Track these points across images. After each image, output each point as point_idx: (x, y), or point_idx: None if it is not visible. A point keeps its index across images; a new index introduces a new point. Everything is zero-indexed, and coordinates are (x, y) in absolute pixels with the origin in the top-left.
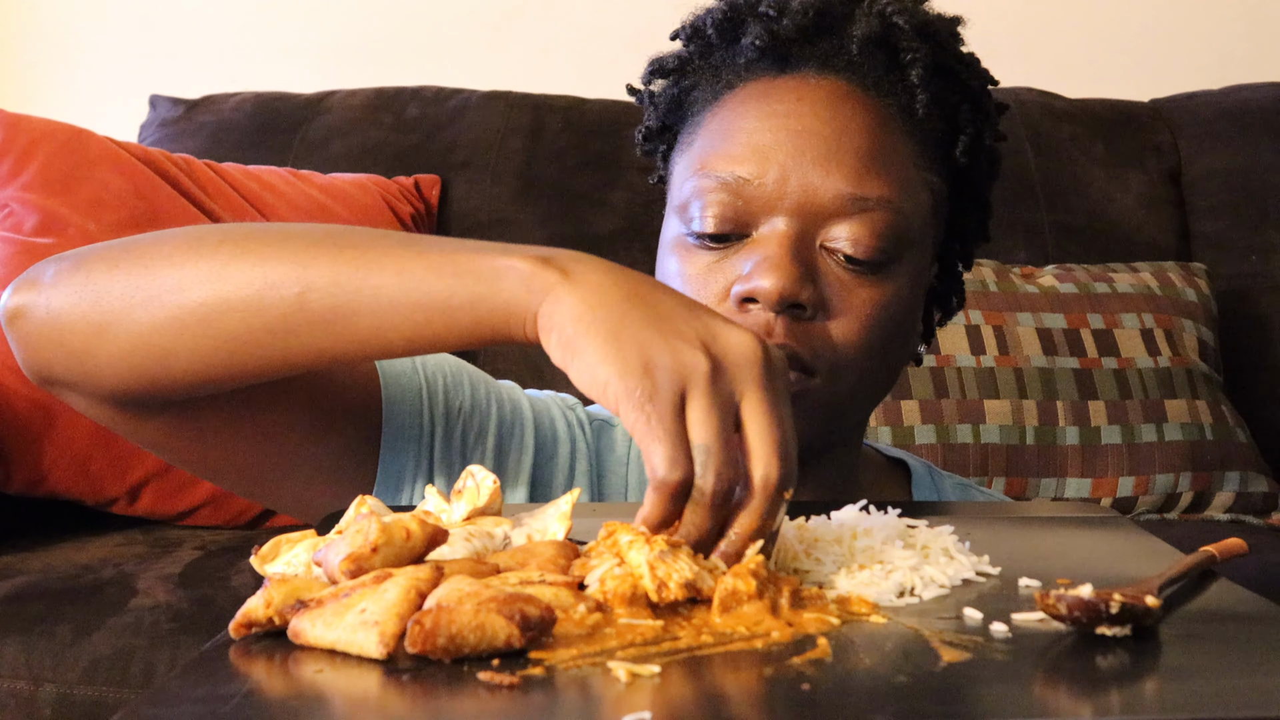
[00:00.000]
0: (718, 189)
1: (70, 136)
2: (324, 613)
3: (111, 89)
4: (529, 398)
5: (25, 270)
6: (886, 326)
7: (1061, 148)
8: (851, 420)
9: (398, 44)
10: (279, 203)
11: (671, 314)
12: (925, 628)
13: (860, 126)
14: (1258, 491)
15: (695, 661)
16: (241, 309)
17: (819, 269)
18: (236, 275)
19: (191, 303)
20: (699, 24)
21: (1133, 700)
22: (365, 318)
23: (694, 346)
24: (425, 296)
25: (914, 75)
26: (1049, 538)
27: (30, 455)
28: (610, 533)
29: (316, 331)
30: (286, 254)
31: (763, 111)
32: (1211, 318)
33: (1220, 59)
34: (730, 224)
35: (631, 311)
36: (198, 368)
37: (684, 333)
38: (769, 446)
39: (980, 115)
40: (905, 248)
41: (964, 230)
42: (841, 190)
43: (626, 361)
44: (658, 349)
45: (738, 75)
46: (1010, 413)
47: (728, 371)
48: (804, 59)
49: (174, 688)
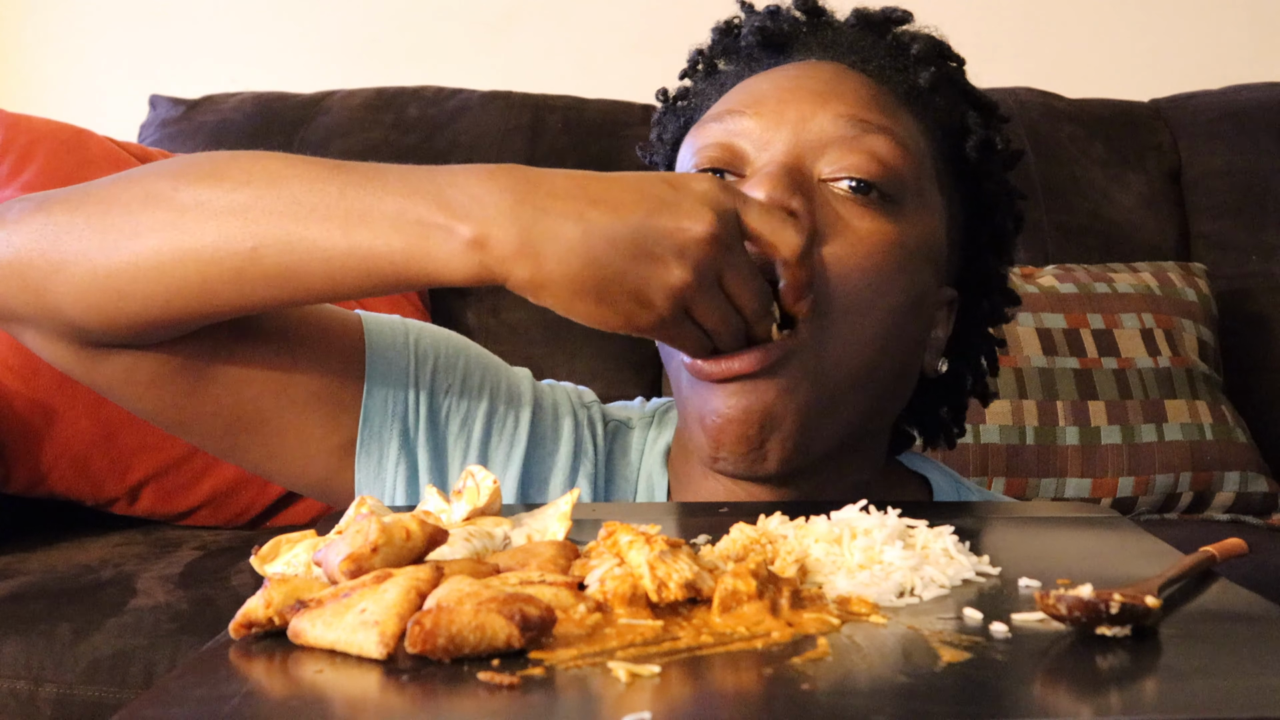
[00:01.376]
0: (715, 131)
1: (70, 136)
2: (324, 613)
3: (111, 89)
4: (539, 390)
5: None
6: (888, 269)
7: (1061, 148)
8: (854, 409)
9: (398, 44)
10: None
11: (628, 215)
12: (925, 628)
13: (860, 83)
14: (1258, 491)
15: (695, 661)
16: (195, 259)
17: (816, 197)
18: (191, 226)
19: (147, 250)
20: (701, 49)
21: (1133, 700)
22: (317, 276)
23: (667, 262)
24: (371, 255)
25: (915, 50)
26: (1049, 538)
27: (30, 455)
28: (610, 533)
29: (271, 283)
30: (240, 205)
31: (759, 75)
32: (1211, 318)
33: (1220, 59)
34: (724, 162)
35: (599, 242)
36: (153, 309)
37: (650, 250)
38: (755, 304)
39: (991, 128)
40: (910, 192)
41: (984, 272)
42: (840, 113)
43: (619, 294)
44: (637, 276)
45: (739, 77)
46: (1010, 413)
47: (705, 270)
48: (804, 47)
49: (174, 688)
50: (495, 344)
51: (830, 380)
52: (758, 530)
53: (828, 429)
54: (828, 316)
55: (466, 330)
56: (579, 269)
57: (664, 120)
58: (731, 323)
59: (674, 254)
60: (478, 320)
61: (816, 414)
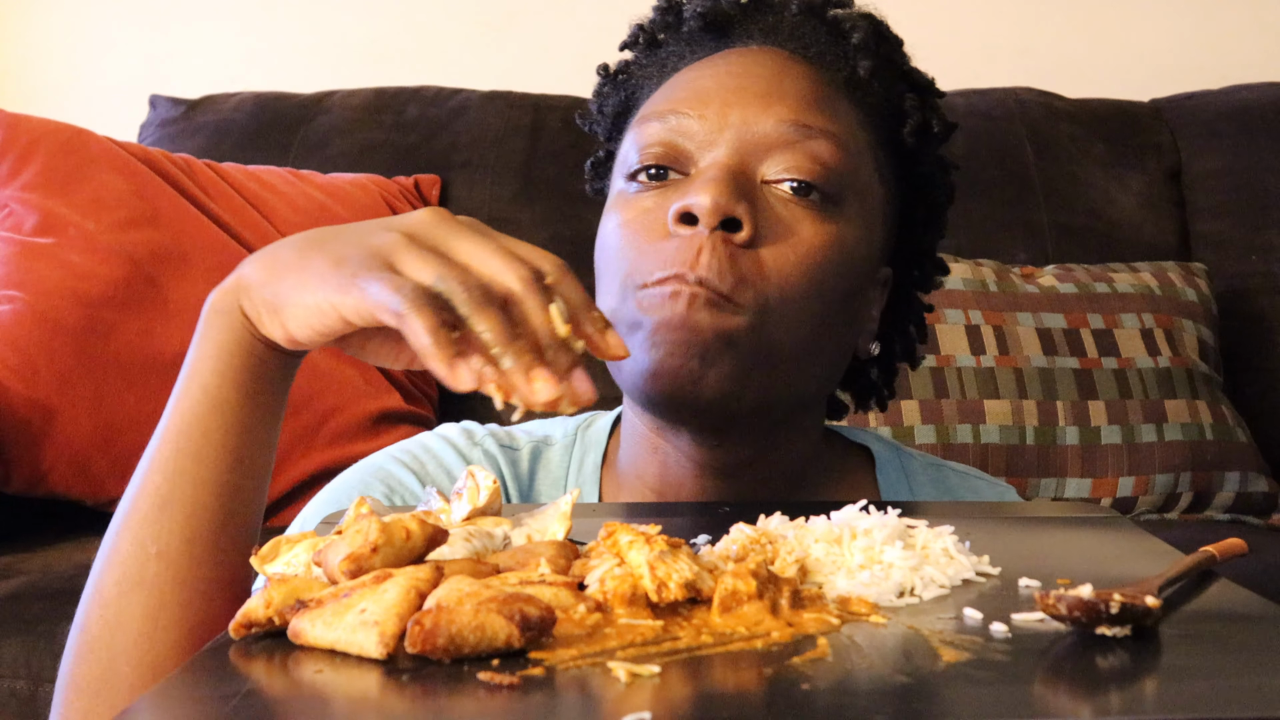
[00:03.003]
0: (659, 130)
1: (70, 136)
2: (324, 613)
3: (111, 89)
4: (415, 467)
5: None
6: (827, 270)
7: (1061, 148)
8: (787, 381)
9: (398, 44)
10: (279, 203)
11: (349, 230)
12: (925, 628)
13: (803, 77)
14: (1258, 491)
15: (695, 661)
16: (126, 591)
17: (760, 200)
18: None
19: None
20: (642, 24)
21: (1133, 700)
22: (201, 441)
23: (380, 233)
24: (195, 411)
25: (855, 39)
26: (1049, 538)
27: (30, 455)
28: (610, 533)
29: (197, 547)
30: (116, 546)
31: (704, 67)
32: (1211, 318)
33: (1220, 59)
34: (669, 159)
35: (310, 246)
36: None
37: (368, 231)
38: (497, 258)
39: (928, 109)
40: (850, 191)
41: (917, 248)
42: (783, 117)
43: (323, 273)
44: (344, 249)
45: (680, 58)
46: (1010, 413)
47: (422, 233)
48: (745, 33)
49: (174, 688)
50: None
51: (769, 355)
52: (757, 530)
53: (761, 389)
54: (768, 307)
55: None
56: (285, 253)
57: (604, 92)
58: (456, 273)
59: (381, 228)
60: None
61: (753, 368)
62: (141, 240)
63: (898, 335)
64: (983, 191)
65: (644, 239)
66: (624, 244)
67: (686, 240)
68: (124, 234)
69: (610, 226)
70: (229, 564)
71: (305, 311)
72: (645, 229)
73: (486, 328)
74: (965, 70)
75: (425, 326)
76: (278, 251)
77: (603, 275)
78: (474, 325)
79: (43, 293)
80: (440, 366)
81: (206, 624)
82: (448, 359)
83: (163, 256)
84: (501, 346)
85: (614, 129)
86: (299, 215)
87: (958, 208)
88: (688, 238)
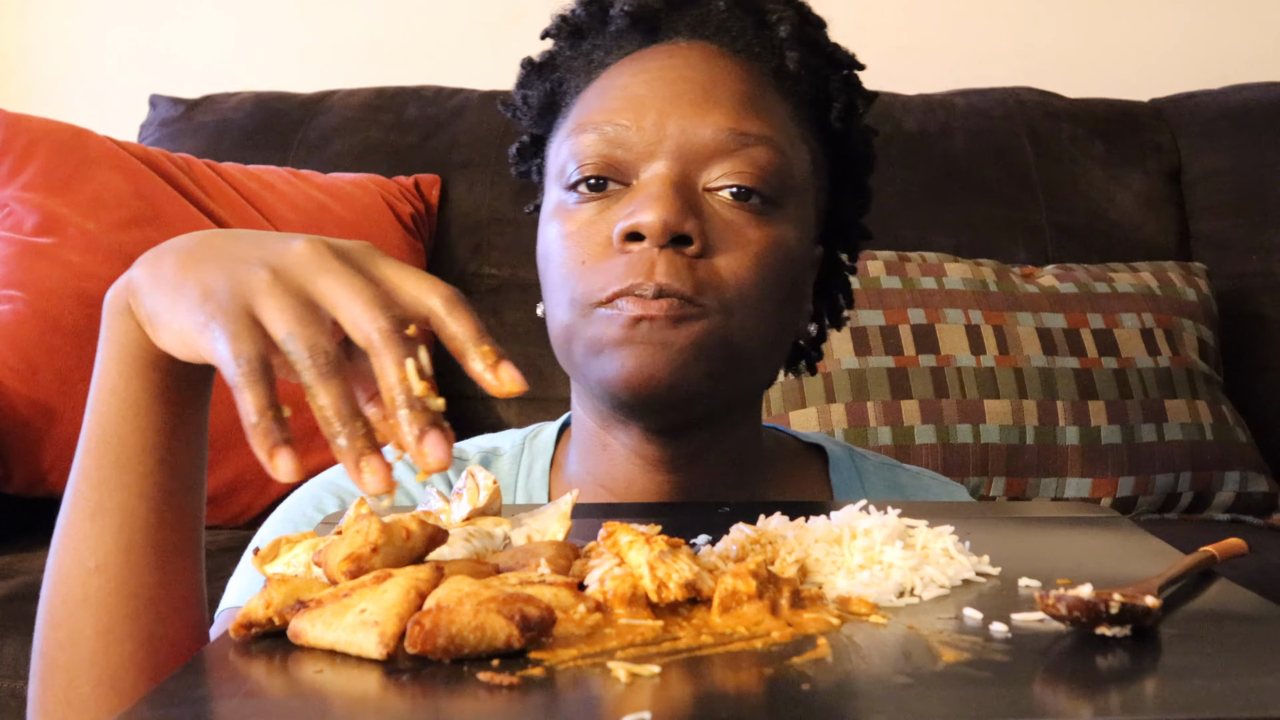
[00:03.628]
0: (596, 140)
1: (70, 136)
2: (324, 613)
3: (111, 89)
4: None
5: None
6: (775, 270)
7: (1061, 148)
8: (744, 375)
9: (398, 44)
10: (279, 203)
11: (230, 249)
12: (925, 628)
13: (735, 76)
14: (1258, 491)
15: (695, 662)
16: (72, 609)
17: (704, 210)
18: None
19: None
20: (566, 13)
21: (1133, 700)
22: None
23: (251, 265)
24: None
25: (782, 31)
26: (1049, 538)
27: (30, 455)
28: (610, 533)
29: (136, 547)
30: (57, 564)
31: (635, 69)
32: (1211, 318)
33: (1220, 59)
34: (609, 170)
35: (190, 262)
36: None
37: (243, 259)
38: (359, 303)
39: (852, 88)
40: (789, 192)
41: (844, 219)
42: (721, 126)
43: (190, 304)
44: (215, 278)
45: (608, 54)
46: (1010, 413)
47: (290, 271)
48: (673, 28)
49: (174, 688)
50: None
51: (733, 355)
52: (757, 530)
53: (728, 387)
54: (729, 309)
55: None
56: (168, 262)
57: (529, 83)
58: (309, 334)
59: (254, 260)
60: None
61: (722, 369)
62: (141, 240)
63: (826, 305)
64: (983, 191)
65: (590, 255)
66: (569, 259)
67: (637, 256)
68: (124, 234)
69: (552, 236)
70: (173, 569)
71: (173, 336)
72: (589, 243)
73: (325, 402)
74: (965, 70)
75: (253, 406)
76: (163, 258)
77: (551, 290)
78: (312, 397)
79: (43, 293)
80: (260, 453)
81: (161, 634)
82: (265, 448)
83: None
84: (338, 424)
85: (540, 119)
86: (299, 215)
87: (958, 208)
88: (638, 254)
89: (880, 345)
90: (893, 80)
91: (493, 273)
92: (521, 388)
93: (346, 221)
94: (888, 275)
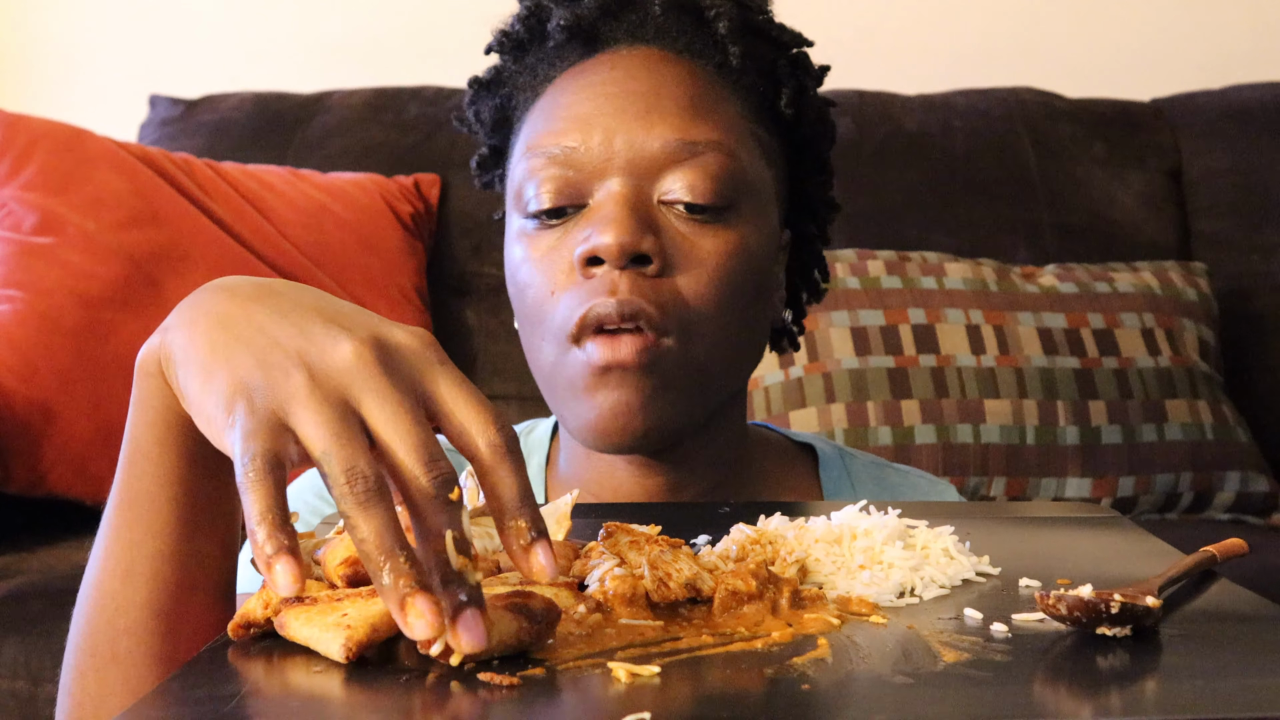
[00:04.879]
0: (547, 164)
1: (70, 136)
2: (310, 610)
3: (111, 89)
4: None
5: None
6: (736, 278)
7: (1061, 148)
8: (718, 389)
9: (398, 44)
10: (278, 202)
11: (270, 328)
12: (925, 628)
13: (678, 81)
14: (1258, 491)
15: (695, 662)
16: (108, 615)
17: (660, 224)
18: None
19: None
20: (507, 29)
21: (1133, 700)
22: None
23: (290, 364)
24: (141, 481)
25: (721, 28)
26: (1049, 538)
27: (30, 455)
28: (610, 533)
29: (161, 564)
30: (94, 580)
31: (579, 85)
32: (1211, 318)
33: (1220, 59)
34: (565, 196)
35: (226, 338)
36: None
37: (282, 348)
38: (403, 448)
39: (800, 70)
40: (743, 193)
41: (808, 196)
42: (668, 138)
43: (220, 391)
44: (249, 371)
45: (551, 66)
46: (1010, 413)
47: (331, 381)
48: (612, 36)
49: (174, 688)
50: (495, 344)
51: (700, 375)
52: (757, 530)
53: (699, 406)
54: (691, 329)
55: (466, 330)
56: (202, 331)
57: (479, 100)
58: (346, 455)
59: (295, 359)
60: (477, 320)
61: (689, 393)
62: (141, 240)
63: (803, 283)
64: (983, 191)
65: (557, 284)
66: (539, 289)
67: (598, 280)
68: (124, 234)
69: (518, 259)
70: (204, 627)
71: (201, 420)
72: (553, 270)
73: (365, 535)
74: (965, 70)
75: (256, 512)
76: (197, 325)
77: (527, 321)
78: (350, 528)
79: (43, 293)
80: (259, 564)
81: None
82: (264, 559)
83: (163, 256)
84: (380, 557)
85: (494, 133)
86: (298, 215)
87: (958, 208)
88: (599, 277)
89: (880, 345)
90: (893, 80)
91: (492, 273)
92: (551, 579)
93: (346, 221)
94: (888, 275)
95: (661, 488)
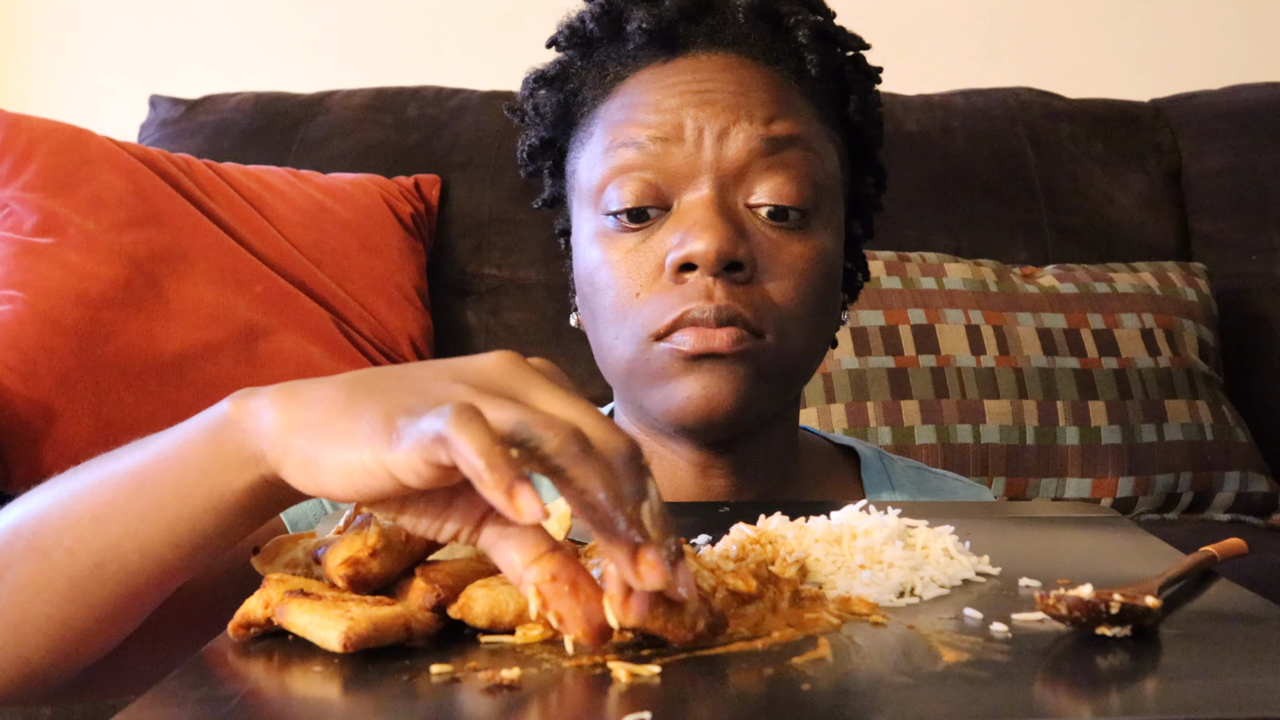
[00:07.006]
0: (632, 162)
1: (70, 136)
2: (315, 604)
3: (111, 89)
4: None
5: None
6: (818, 282)
7: (1061, 148)
8: (801, 382)
9: (398, 44)
10: (279, 203)
11: (401, 382)
12: (925, 628)
13: (761, 85)
14: (1258, 491)
15: (695, 661)
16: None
17: (747, 229)
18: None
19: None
20: (576, 25)
21: (1133, 700)
22: (132, 555)
23: (444, 383)
24: (173, 530)
25: (801, 36)
26: (1049, 538)
27: (30, 455)
28: None
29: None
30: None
31: (662, 84)
32: (1211, 318)
33: (1220, 59)
34: (650, 198)
35: (360, 395)
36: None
37: (430, 380)
38: (590, 414)
39: (864, 75)
40: (824, 196)
41: (862, 198)
42: (754, 138)
43: (374, 427)
44: (399, 401)
45: (625, 66)
46: (1010, 413)
47: (495, 383)
48: (691, 39)
49: (174, 688)
50: (495, 344)
51: (789, 372)
52: (758, 530)
53: (781, 401)
54: (784, 330)
55: (466, 330)
56: (324, 395)
57: (540, 93)
58: (541, 418)
59: (446, 375)
60: (478, 320)
61: (779, 388)
62: (141, 240)
63: (847, 282)
64: (983, 191)
65: (644, 287)
66: (623, 291)
67: (692, 285)
68: (124, 234)
69: (595, 263)
70: (130, 618)
71: (350, 470)
72: (639, 272)
73: (597, 483)
74: (965, 70)
75: (475, 448)
76: (303, 408)
77: (603, 321)
78: (574, 481)
79: (43, 293)
80: (497, 501)
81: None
82: (502, 490)
83: (163, 256)
84: (613, 508)
85: (554, 127)
86: (299, 215)
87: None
88: (692, 283)
89: (880, 345)
90: (893, 80)
91: (492, 273)
92: (661, 585)
93: (347, 222)
94: (888, 275)
95: (723, 489)
